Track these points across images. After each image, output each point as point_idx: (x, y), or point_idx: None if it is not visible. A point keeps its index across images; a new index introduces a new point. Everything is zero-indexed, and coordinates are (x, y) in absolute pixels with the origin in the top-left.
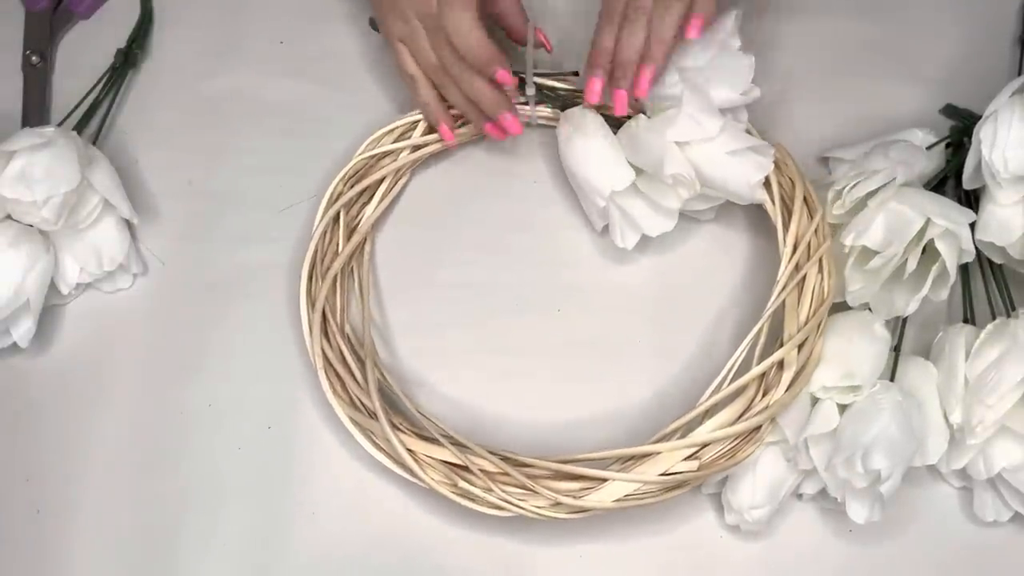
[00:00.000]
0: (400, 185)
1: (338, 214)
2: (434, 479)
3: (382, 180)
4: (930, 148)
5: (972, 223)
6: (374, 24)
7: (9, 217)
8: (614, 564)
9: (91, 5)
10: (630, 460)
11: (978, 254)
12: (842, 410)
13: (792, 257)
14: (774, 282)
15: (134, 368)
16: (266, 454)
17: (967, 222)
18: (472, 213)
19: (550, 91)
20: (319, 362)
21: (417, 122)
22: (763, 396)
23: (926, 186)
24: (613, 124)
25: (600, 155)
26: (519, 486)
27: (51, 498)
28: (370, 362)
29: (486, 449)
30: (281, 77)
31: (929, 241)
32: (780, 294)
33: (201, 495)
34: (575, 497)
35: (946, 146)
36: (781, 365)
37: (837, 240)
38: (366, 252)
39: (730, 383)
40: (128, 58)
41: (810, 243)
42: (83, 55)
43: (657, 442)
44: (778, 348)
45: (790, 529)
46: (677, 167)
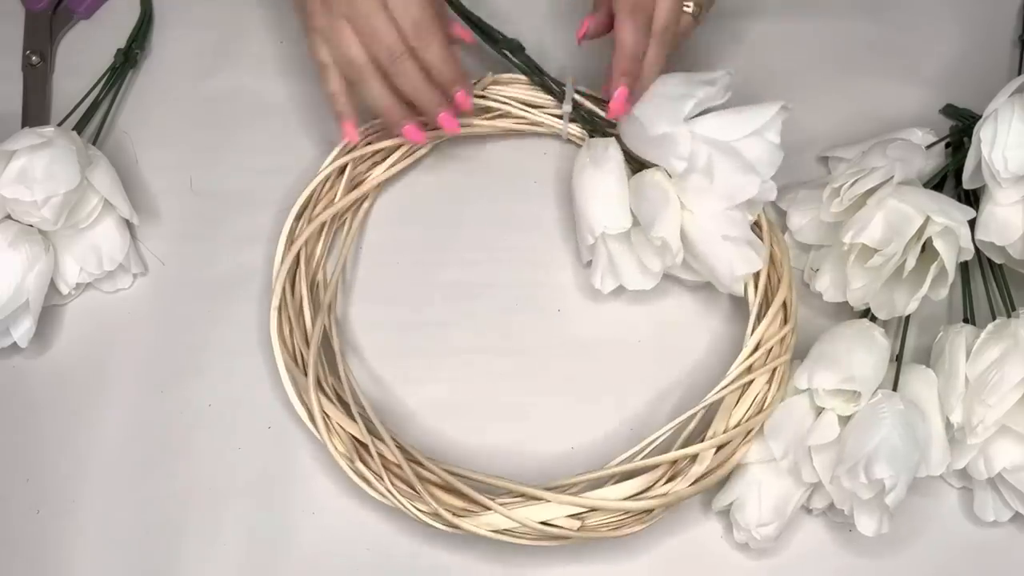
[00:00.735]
0: (414, 157)
1: (345, 166)
2: (337, 448)
3: (400, 145)
4: (930, 148)
5: (971, 221)
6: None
7: (9, 217)
8: None
9: (91, 5)
10: (520, 496)
11: (978, 254)
12: (843, 422)
13: (749, 358)
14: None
15: (134, 368)
16: (266, 454)
17: (966, 220)
18: (472, 213)
19: (587, 113)
20: (275, 300)
21: None
22: (667, 482)
23: (926, 186)
24: (637, 167)
25: (605, 193)
26: (406, 483)
27: (51, 498)
28: (322, 314)
29: (397, 441)
30: (281, 77)
31: (928, 240)
32: (721, 391)
33: (201, 495)
34: (454, 514)
35: (946, 146)
36: (695, 459)
37: (837, 240)
38: (363, 209)
39: (643, 456)
40: (128, 58)
41: (771, 349)
42: (83, 55)
43: (552, 489)
44: (700, 441)
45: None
46: (666, 231)
